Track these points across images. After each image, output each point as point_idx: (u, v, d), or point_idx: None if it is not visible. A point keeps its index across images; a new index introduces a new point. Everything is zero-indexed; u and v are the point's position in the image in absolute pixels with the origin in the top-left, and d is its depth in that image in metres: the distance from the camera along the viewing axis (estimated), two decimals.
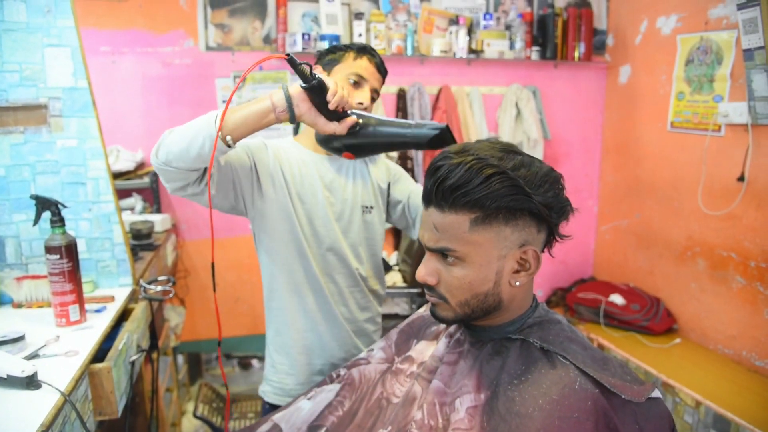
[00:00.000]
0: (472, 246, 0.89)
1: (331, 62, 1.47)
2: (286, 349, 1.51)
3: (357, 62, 1.44)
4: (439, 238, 0.90)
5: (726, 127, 2.67)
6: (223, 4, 2.99)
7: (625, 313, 3.01)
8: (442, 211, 0.89)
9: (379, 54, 1.49)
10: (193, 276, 3.17)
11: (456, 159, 0.87)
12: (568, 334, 0.96)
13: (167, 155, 1.17)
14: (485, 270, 0.90)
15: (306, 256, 1.44)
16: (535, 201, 0.86)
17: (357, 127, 1.14)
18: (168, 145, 1.18)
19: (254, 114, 1.14)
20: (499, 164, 0.86)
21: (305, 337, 1.50)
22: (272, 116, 1.14)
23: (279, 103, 1.13)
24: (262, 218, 1.44)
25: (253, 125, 1.15)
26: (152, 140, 3.12)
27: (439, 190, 0.87)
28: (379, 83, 1.48)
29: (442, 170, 0.87)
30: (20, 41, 1.53)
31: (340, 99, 1.09)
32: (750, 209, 2.56)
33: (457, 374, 0.97)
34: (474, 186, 0.85)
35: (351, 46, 1.47)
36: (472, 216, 0.87)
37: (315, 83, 1.07)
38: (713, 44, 2.72)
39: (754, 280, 2.56)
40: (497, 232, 0.88)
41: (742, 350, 2.66)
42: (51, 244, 1.36)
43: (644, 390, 0.86)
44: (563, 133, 3.59)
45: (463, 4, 3.28)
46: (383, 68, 1.49)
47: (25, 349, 1.24)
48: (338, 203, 1.49)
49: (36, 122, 1.58)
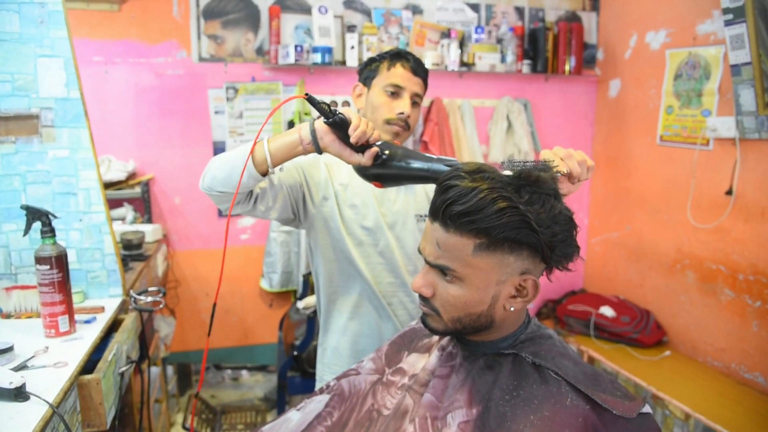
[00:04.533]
0: (473, 269, 0.88)
1: (369, 77, 1.50)
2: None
3: (391, 72, 1.47)
4: (440, 255, 0.89)
5: (714, 141, 2.70)
6: (216, 15, 3.01)
7: (615, 326, 3.03)
8: (447, 230, 0.87)
9: (414, 56, 1.50)
10: (184, 286, 3.15)
11: (469, 182, 0.85)
12: (560, 350, 0.96)
13: (212, 181, 1.25)
14: (482, 293, 0.89)
15: (357, 266, 1.48)
16: (540, 239, 0.85)
17: (383, 157, 1.15)
18: (213, 171, 1.25)
19: (285, 145, 1.19)
20: (511, 197, 0.84)
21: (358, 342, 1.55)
22: (300, 148, 1.19)
23: (305, 137, 1.17)
24: (313, 229, 1.50)
25: (285, 156, 1.20)
26: (144, 150, 3.13)
27: (447, 211, 0.86)
28: (419, 86, 1.50)
29: (453, 192, 0.85)
30: (13, 51, 1.53)
31: (361, 133, 1.11)
32: (738, 222, 2.59)
33: (449, 388, 0.97)
34: (484, 216, 0.83)
35: (384, 55, 1.50)
36: (477, 241, 0.85)
37: (337, 119, 1.10)
38: (701, 59, 2.76)
39: (743, 293, 2.58)
40: (500, 259, 0.87)
41: (731, 363, 2.67)
42: (41, 254, 1.36)
43: (635, 406, 0.86)
44: (554, 145, 3.55)
45: (455, 18, 3.32)
46: (420, 70, 1.50)
47: (14, 360, 1.23)
48: (390, 214, 1.51)
49: (27, 132, 1.57)
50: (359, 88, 1.55)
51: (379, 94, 1.48)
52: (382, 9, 3.19)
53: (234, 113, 3.07)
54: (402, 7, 3.23)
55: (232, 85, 3.04)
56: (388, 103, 1.47)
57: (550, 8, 3.49)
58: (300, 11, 3.09)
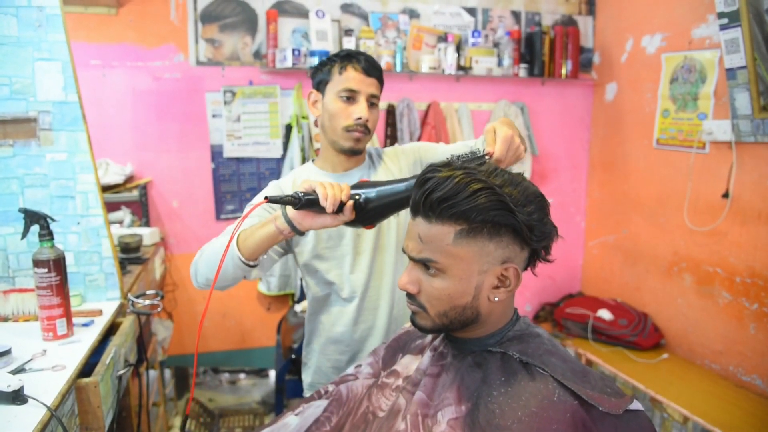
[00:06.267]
0: (454, 259, 0.90)
1: (322, 83, 1.46)
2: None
3: (344, 76, 1.42)
4: (423, 248, 0.92)
5: (710, 144, 2.71)
6: (214, 19, 3.01)
7: (613, 329, 3.03)
8: (429, 221, 0.90)
9: (366, 55, 1.45)
10: (181, 289, 3.15)
11: (444, 172, 0.89)
12: (548, 348, 0.97)
13: (207, 281, 1.34)
14: (465, 283, 0.91)
15: (343, 273, 1.48)
16: (518, 218, 0.87)
17: (360, 203, 1.14)
18: (204, 273, 1.33)
19: (265, 239, 1.21)
20: (486, 179, 0.88)
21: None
22: (281, 237, 1.21)
23: (283, 227, 1.18)
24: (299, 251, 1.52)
25: (267, 246, 1.24)
26: (141, 153, 3.12)
27: (427, 201, 0.89)
28: (374, 87, 1.44)
29: (431, 182, 0.89)
30: (11, 55, 1.54)
31: (333, 200, 1.09)
32: (735, 225, 2.60)
33: (440, 387, 0.98)
34: (461, 199, 0.86)
35: (334, 58, 1.45)
36: (457, 228, 0.88)
37: (305, 201, 1.10)
38: (697, 63, 2.77)
39: (740, 296, 2.59)
40: (481, 246, 0.89)
41: (729, 365, 2.68)
42: (39, 257, 1.36)
43: (623, 402, 0.87)
44: (551, 149, 3.63)
45: (452, 22, 3.33)
46: (373, 69, 1.44)
47: (12, 363, 1.23)
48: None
49: (25, 135, 1.58)
50: (314, 95, 1.50)
51: (334, 101, 1.43)
52: (380, 13, 3.20)
53: (231, 117, 3.07)
54: (399, 11, 3.24)
55: (230, 88, 3.04)
56: (345, 110, 1.42)
57: (547, 12, 3.50)
58: (297, 15, 3.09)
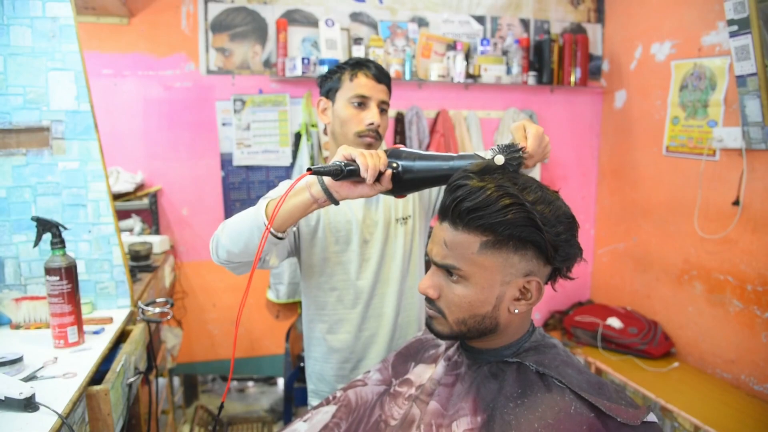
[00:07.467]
0: (478, 268, 0.90)
1: (332, 90, 1.47)
2: None
3: (355, 82, 1.44)
4: (447, 254, 0.92)
5: (720, 151, 2.70)
6: (224, 28, 3.04)
7: (623, 337, 3.01)
8: (456, 228, 0.90)
9: (375, 63, 1.47)
10: (191, 297, 3.16)
11: (477, 182, 0.89)
12: (564, 358, 0.96)
13: (228, 255, 1.27)
14: (486, 293, 0.91)
15: (349, 274, 1.49)
16: (545, 237, 0.87)
17: (399, 171, 1.11)
18: (225, 245, 1.26)
19: (298, 207, 1.15)
20: (518, 195, 0.87)
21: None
22: (315, 206, 1.15)
23: (319, 195, 1.12)
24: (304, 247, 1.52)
25: (298, 216, 1.17)
26: (152, 162, 3.14)
27: (456, 209, 0.89)
28: (384, 93, 1.47)
29: (462, 191, 0.89)
30: (25, 65, 1.56)
31: (374, 170, 1.05)
32: (746, 233, 2.58)
33: (454, 396, 0.97)
34: (491, 212, 0.86)
35: (344, 66, 1.47)
36: (483, 239, 0.88)
37: (346, 171, 1.05)
38: (707, 70, 2.76)
39: (752, 304, 2.57)
40: (505, 258, 0.89)
41: (741, 374, 2.65)
42: (51, 265, 1.37)
43: (639, 413, 0.86)
44: (560, 156, 3.63)
45: (461, 30, 3.34)
46: (383, 76, 1.47)
47: (23, 370, 1.24)
48: (371, 222, 1.52)
49: (38, 144, 1.59)
50: (323, 102, 1.51)
51: (346, 107, 1.44)
52: (389, 22, 3.21)
53: (241, 125, 3.09)
54: (408, 20, 3.26)
55: (240, 97, 3.06)
56: (356, 115, 1.43)
57: (555, 20, 3.50)
58: (307, 24, 3.11)
